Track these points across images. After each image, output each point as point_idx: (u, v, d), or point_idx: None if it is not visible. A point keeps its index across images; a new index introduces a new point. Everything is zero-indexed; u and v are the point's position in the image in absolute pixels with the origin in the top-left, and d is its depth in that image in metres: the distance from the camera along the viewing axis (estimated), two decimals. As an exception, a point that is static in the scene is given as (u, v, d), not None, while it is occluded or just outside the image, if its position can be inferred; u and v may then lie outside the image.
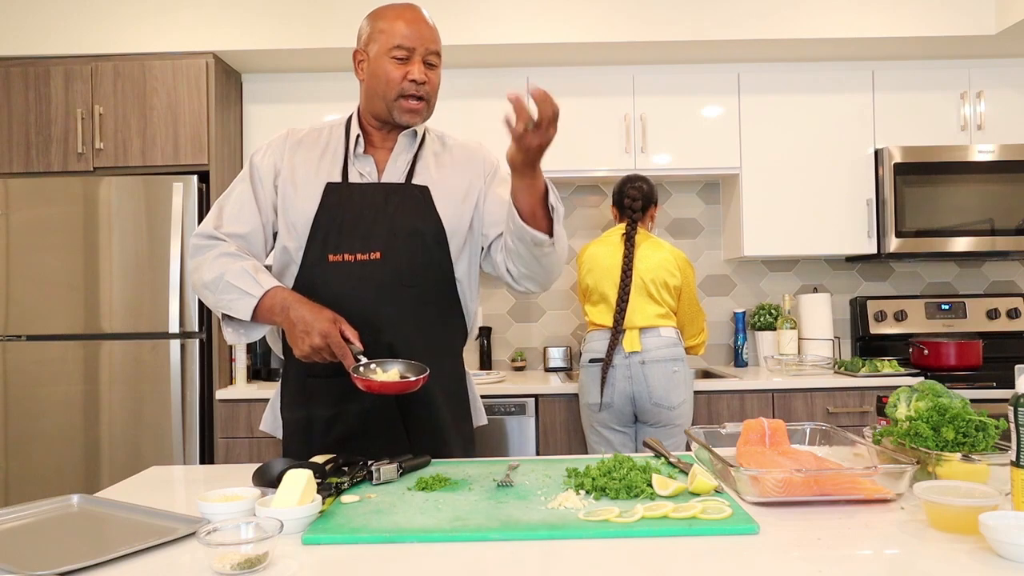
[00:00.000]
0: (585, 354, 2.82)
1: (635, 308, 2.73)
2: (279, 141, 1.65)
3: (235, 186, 1.63)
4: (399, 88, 1.55)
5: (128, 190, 2.97)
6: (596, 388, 2.74)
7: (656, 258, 2.79)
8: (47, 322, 2.97)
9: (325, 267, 1.53)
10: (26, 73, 3.07)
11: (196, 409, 2.96)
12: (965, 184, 3.23)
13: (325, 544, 1.06)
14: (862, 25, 3.09)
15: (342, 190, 1.57)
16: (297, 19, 3.08)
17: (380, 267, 1.53)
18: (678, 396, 2.70)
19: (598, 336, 2.79)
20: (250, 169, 1.63)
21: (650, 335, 2.72)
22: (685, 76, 3.35)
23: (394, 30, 1.55)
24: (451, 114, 3.29)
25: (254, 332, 1.53)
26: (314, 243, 1.55)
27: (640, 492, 1.22)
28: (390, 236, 1.55)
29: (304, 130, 1.67)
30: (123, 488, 1.42)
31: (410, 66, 1.55)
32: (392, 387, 1.37)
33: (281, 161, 1.62)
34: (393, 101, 1.56)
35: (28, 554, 1.04)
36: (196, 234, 1.59)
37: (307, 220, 1.55)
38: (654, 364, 2.69)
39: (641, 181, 2.92)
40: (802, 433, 1.58)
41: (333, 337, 1.37)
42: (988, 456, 1.26)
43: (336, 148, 1.63)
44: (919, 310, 3.54)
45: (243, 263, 1.50)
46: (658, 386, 2.68)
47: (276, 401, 1.68)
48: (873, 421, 2.73)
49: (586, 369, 2.79)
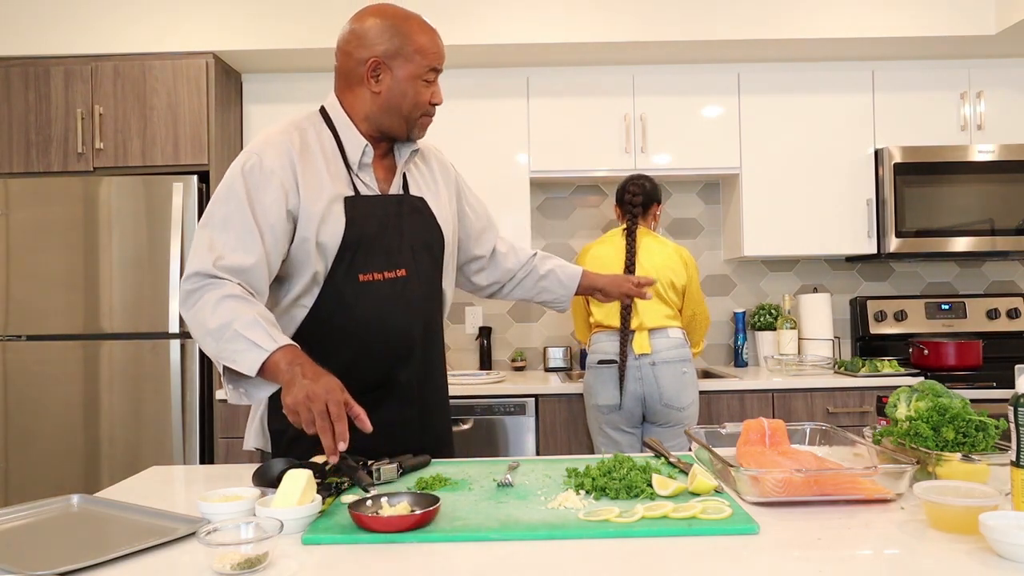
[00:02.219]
0: (591, 355, 2.78)
1: (643, 309, 2.71)
2: (277, 154, 1.46)
3: (227, 212, 1.41)
4: (424, 110, 1.53)
5: (128, 190, 2.97)
6: (606, 389, 2.71)
7: (661, 257, 2.76)
8: (47, 322, 2.97)
9: (356, 287, 1.49)
10: (26, 73, 3.07)
11: (196, 409, 2.96)
12: (965, 184, 3.23)
13: (325, 544, 1.06)
14: (862, 25, 3.09)
15: (361, 204, 1.50)
16: (297, 19, 3.08)
17: (406, 285, 1.53)
18: (688, 397, 2.69)
19: (604, 337, 2.76)
20: (247, 191, 1.41)
21: (659, 336, 2.70)
22: (685, 76, 3.35)
23: (427, 51, 1.50)
24: (451, 114, 3.30)
25: (257, 392, 1.34)
26: (342, 263, 1.47)
27: (640, 492, 1.22)
28: (409, 252, 1.54)
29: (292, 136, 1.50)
30: (123, 488, 1.42)
31: (435, 87, 1.53)
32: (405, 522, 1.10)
33: (290, 179, 1.45)
34: (416, 120, 1.53)
35: (28, 554, 1.04)
36: (189, 276, 1.36)
37: (337, 240, 1.46)
38: (664, 365, 2.67)
39: (644, 179, 2.90)
40: (802, 433, 1.58)
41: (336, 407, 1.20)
42: (988, 456, 1.26)
43: (334, 155, 1.53)
44: (919, 310, 3.54)
45: (255, 310, 1.31)
46: (668, 387, 2.66)
47: (264, 414, 1.59)
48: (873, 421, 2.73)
49: (594, 370, 2.76)
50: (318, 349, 1.48)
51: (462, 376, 3.21)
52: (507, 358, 3.64)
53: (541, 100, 3.33)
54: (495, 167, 3.30)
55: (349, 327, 1.50)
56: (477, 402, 2.98)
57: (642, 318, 2.70)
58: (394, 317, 1.51)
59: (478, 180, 3.36)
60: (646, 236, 2.81)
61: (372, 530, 1.07)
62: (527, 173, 3.32)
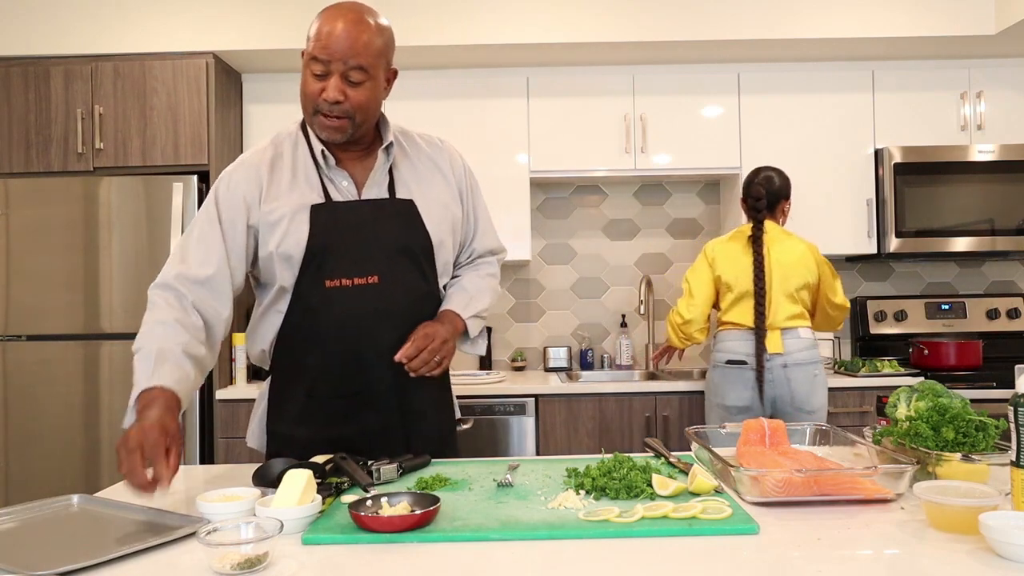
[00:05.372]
0: (719, 353, 2.71)
1: (776, 309, 2.64)
2: (245, 171, 1.51)
3: (199, 224, 1.49)
4: (314, 104, 1.45)
5: (128, 190, 2.97)
6: (735, 390, 2.64)
7: (794, 255, 2.68)
8: (47, 322, 2.96)
9: (323, 293, 1.48)
10: (26, 73, 3.07)
11: (196, 409, 2.96)
12: (965, 184, 3.23)
13: (325, 544, 1.06)
14: (862, 25, 3.09)
15: (327, 211, 1.49)
16: (297, 19, 3.07)
17: (379, 291, 1.50)
18: (818, 400, 2.63)
19: (735, 336, 2.68)
20: (216, 207, 1.49)
21: (790, 336, 2.64)
22: (685, 76, 3.35)
23: (315, 38, 1.42)
24: (452, 114, 3.31)
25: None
26: (308, 270, 1.48)
27: (640, 492, 1.22)
28: (385, 258, 1.51)
29: (266, 152, 1.53)
30: (123, 488, 1.42)
31: (325, 82, 1.43)
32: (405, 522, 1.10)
33: (254, 194, 1.49)
34: (312, 116, 1.47)
35: (28, 554, 1.04)
36: (153, 286, 1.46)
37: (300, 249, 1.46)
38: (796, 367, 2.61)
39: (770, 177, 2.75)
40: (802, 433, 1.58)
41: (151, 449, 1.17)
42: (988, 456, 1.26)
43: (306, 165, 1.52)
44: (919, 310, 3.54)
45: (160, 344, 1.36)
46: (800, 389, 2.60)
47: (262, 415, 1.61)
48: (873, 421, 2.73)
49: (721, 369, 2.69)
50: (293, 354, 1.54)
51: (462, 376, 3.21)
52: (507, 358, 3.64)
53: (541, 100, 3.33)
54: (495, 167, 3.30)
55: (317, 333, 1.50)
56: (477, 402, 2.98)
57: (774, 317, 2.63)
58: (364, 323, 1.49)
59: (478, 180, 3.38)
60: (777, 234, 2.72)
61: (372, 530, 1.07)
62: (527, 173, 3.32)
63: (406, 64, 3.16)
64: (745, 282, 2.66)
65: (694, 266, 2.82)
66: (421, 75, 3.30)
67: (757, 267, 2.64)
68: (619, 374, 3.51)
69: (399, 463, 1.39)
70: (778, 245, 2.70)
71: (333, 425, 1.53)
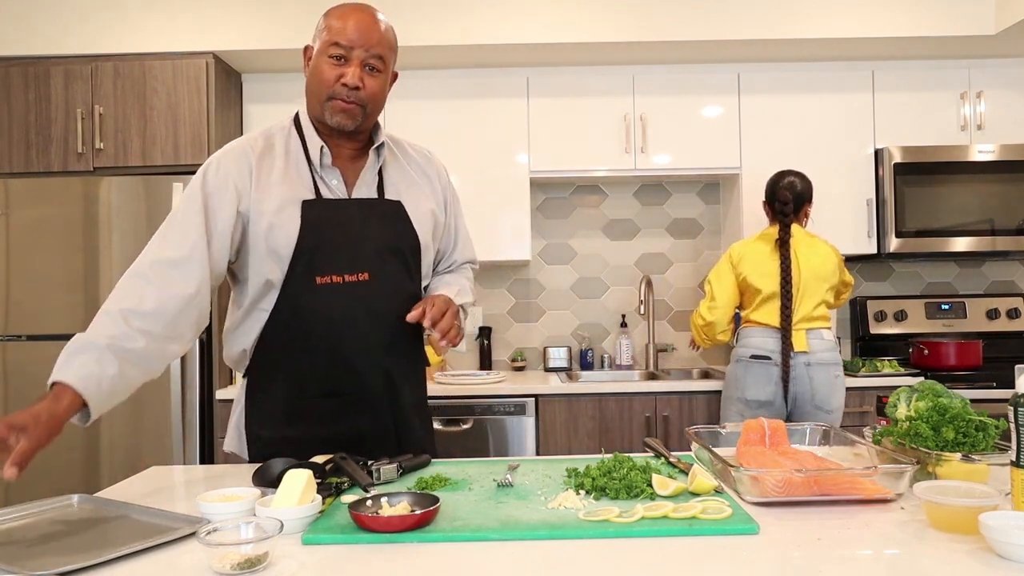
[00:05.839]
0: (743, 349, 2.75)
1: (801, 309, 2.70)
2: (236, 157, 1.50)
3: (182, 208, 1.46)
4: (330, 90, 1.48)
5: (128, 190, 2.97)
6: (757, 384, 2.69)
7: (819, 258, 2.75)
8: (47, 322, 2.96)
9: (313, 290, 1.48)
10: (26, 73, 3.07)
11: (196, 409, 2.96)
12: (965, 184, 3.23)
13: (325, 544, 1.06)
14: (862, 25, 3.09)
15: (319, 207, 1.49)
16: (297, 19, 3.08)
17: (369, 288, 1.50)
18: (837, 400, 2.69)
19: (760, 333, 2.73)
20: (202, 193, 1.47)
21: (814, 337, 2.70)
22: (685, 76, 3.35)
23: (334, 27, 1.48)
24: (452, 114, 3.31)
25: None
26: (298, 266, 1.47)
27: (640, 492, 1.22)
28: (375, 256, 1.51)
29: (257, 141, 1.54)
30: (123, 488, 1.42)
31: (345, 68, 1.47)
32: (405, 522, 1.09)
33: (245, 181, 1.48)
34: (325, 102, 1.49)
35: (28, 554, 1.04)
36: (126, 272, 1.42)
37: (291, 244, 1.46)
38: (819, 367, 2.67)
39: (794, 178, 2.81)
40: (802, 433, 1.58)
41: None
42: (988, 456, 1.26)
43: (298, 159, 1.53)
44: (919, 310, 3.54)
45: (90, 336, 1.33)
46: (821, 389, 2.66)
47: (240, 418, 1.58)
48: (873, 421, 2.74)
49: (745, 364, 2.73)
50: (277, 353, 1.52)
51: (462, 376, 3.21)
52: (507, 358, 3.64)
53: (541, 100, 3.33)
54: (495, 167, 3.30)
55: (307, 330, 1.49)
56: (477, 402, 2.98)
57: (800, 318, 2.70)
58: (354, 320, 1.49)
59: (478, 180, 3.40)
60: (803, 237, 2.79)
61: (372, 530, 1.07)
62: (527, 173, 3.32)
63: (406, 64, 3.16)
64: (773, 284, 2.72)
65: (717, 268, 2.87)
66: (421, 75, 3.30)
67: (785, 270, 2.70)
68: (619, 374, 3.51)
69: (399, 463, 1.39)
70: (805, 248, 2.76)
71: (322, 425, 1.51)
